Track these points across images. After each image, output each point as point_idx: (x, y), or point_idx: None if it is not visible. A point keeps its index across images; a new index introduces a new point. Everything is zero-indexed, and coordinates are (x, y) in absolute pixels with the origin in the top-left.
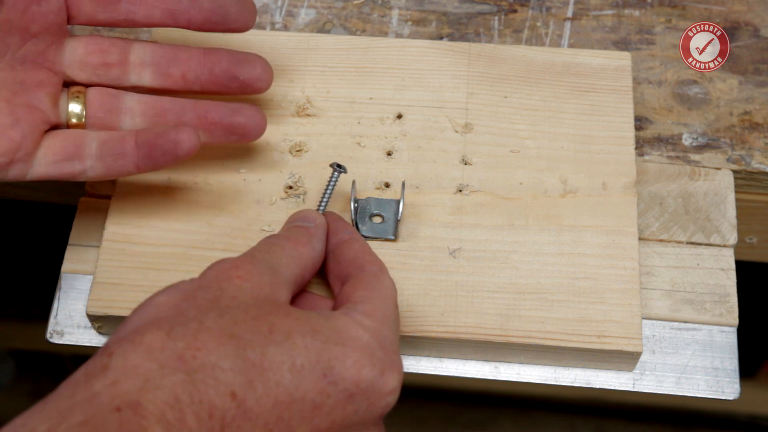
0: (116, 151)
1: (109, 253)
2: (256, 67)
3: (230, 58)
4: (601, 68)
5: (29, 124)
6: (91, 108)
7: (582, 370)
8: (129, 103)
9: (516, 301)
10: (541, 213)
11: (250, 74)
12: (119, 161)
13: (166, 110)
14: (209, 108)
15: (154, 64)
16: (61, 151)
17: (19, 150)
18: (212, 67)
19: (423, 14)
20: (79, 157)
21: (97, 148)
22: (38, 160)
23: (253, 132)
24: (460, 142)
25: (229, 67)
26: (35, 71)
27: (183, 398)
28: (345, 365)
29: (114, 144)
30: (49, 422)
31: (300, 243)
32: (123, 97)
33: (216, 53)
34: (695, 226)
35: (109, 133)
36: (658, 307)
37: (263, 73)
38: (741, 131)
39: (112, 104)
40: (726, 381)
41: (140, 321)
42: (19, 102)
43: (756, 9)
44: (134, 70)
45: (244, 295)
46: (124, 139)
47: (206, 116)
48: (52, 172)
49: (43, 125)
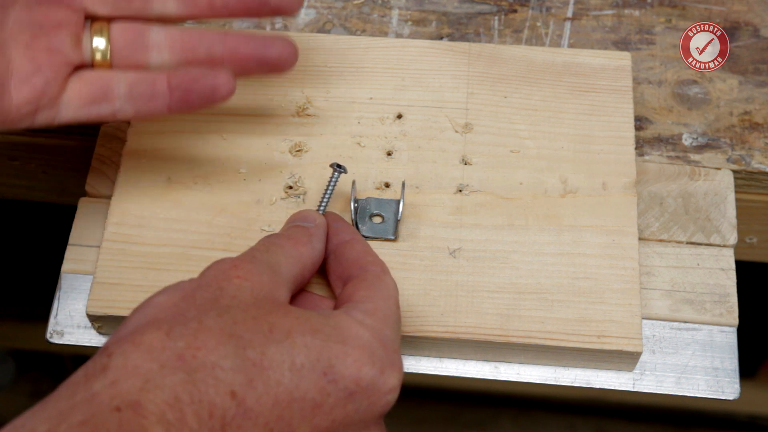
0: (148, 92)
1: (109, 253)
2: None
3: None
4: (601, 68)
5: (51, 68)
6: (116, 45)
7: (582, 370)
8: (155, 37)
9: (516, 301)
10: (541, 213)
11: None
12: (151, 103)
13: (194, 45)
14: (239, 42)
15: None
16: (88, 94)
17: (44, 96)
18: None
19: (423, 14)
20: (108, 99)
21: (126, 89)
22: (65, 104)
23: (285, 64)
24: (460, 142)
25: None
26: (54, 10)
27: (183, 398)
28: (345, 364)
29: (145, 85)
30: (49, 422)
31: (300, 243)
32: (148, 31)
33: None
34: (695, 226)
35: (139, 74)
36: (658, 307)
37: (295, 3)
38: (741, 131)
39: (138, 39)
40: (726, 381)
41: (140, 321)
42: (40, 46)
43: (756, 9)
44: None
45: (244, 294)
46: (155, 80)
47: (237, 50)
48: (80, 115)
49: (67, 68)
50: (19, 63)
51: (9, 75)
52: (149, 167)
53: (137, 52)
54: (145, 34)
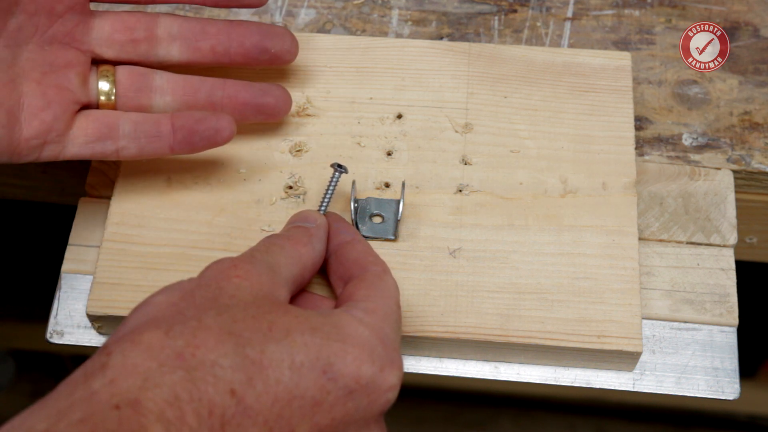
0: (151, 132)
1: (109, 253)
2: (285, 39)
3: (260, 30)
4: (601, 68)
5: (60, 105)
6: (121, 87)
7: (582, 370)
8: (158, 81)
9: (516, 301)
10: (541, 213)
11: (280, 47)
12: (154, 143)
13: (196, 90)
14: (238, 89)
15: (182, 37)
16: (94, 132)
17: (51, 131)
18: (242, 41)
19: (423, 14)
20: (112, 138)
21: (130, 128)
22: (71, 140)
23: (281, 112)
24: (460, 142)
25: (261, 41)
26: (64, 51)
27: (183, 396)
28: (345, 362)
29: (149, 125)
30: (48, 420)
31: (300, 243)
32: (152, 75)
33: (243, 26)
34: (695, 226)
35: (143, 115)
36: (658, 307)
37: (292, 46)
38: (741, 131)
39: (142, 83)
40: (726, 381)
41: (139, 320)
42: (50, 83)
43: (756, 9)
44: (162, 44)
45: (243, 293)
46: (159, 121)
47: (236, 97)
48: (84, 152)
49: (74, 105)
50: (30, 98)
51: (20, 108)
52: (149, 167)
53: (141, 95)
54: (149, 78)
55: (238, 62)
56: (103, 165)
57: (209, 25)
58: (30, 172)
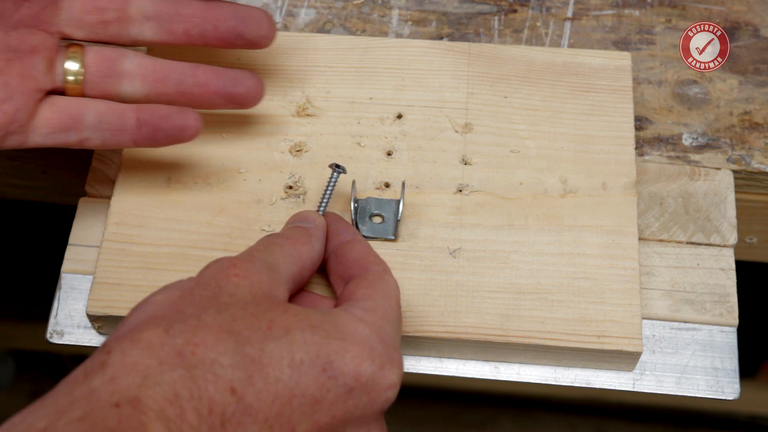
0: (116, 125)
1: (109, 253)
2: (262, 24)
3: (236, 15)
4: (601, 68)
5: (23, 95)
6: (89, 70)
7: (582, 370)
8: (128, 65)
9: (516, 301)
10: (541, 213)
11: (256, 32)
12: (118, 136)
13: (166, 76)
14: (209, 76)
15: (155, 18)
16: (58, 122)
17: (14, 123)
18: (217, 24)
19: (423, 14)
20: (76, 129)
21: (95, 119)
22: (34, 130)
23: (252, 102)
24: (460, 142)
25: (236, 26)
26: (30, 35)
27: (183, 394)
28: (344, 360)
29: (114, 118)
30: (47, 418)
31: (299, 242)
32: (122, 58)
33: (219, 9)
34: (695, 226)
35: (109, 105)
36: (658, 307)
37: (269, 31)
38: (741, 131)
39: (111, 66)
40: (726, 381)
41: (138, 319)
42: (13, 72)
43: (756, 9)
44: (134, 25)
45: (242, 292)
46: (125, 113)
47: (207, 85)
48: (47, 141)
49: (38, 94)
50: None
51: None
52: (149, 167)
53: (109, 79)
54: (118, 61)
55: (213, 45)
56: (103, 165)
57: (184, 6)
58: (30, 172)
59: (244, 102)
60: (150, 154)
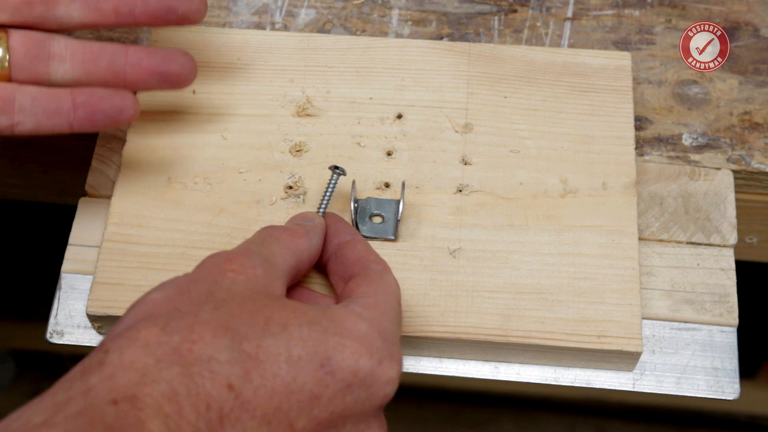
0: (50, 108)
1: (109, 253)
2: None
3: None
4: (601, 68)
5: None
6: (15, 55)
7: (582, 370)
8: (57, 47)
9: (516, 301)
10: (541, 213)
11: (188, 6)
12: (53, 119)
13: (96, 57)
14: (141, 56)
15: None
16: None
17: None
18: (147, 0)
19: (423, 14)
20: (7, 112)
21: (28, 103)
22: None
23: (186, 80)
24: (460, 142)
25: (167, 0)
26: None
27: (180, 391)
28: (343, 355)
29: (48, 100)
30: (45, 413)
31: (296, 234)
32: (50, 41)
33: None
34: (695, 226)
35: (42, 89)
36: (658, 307)
37: (201, 4)
38: (741, 131)
39: (39, 49)
40: (726, 381)
41: (135, 318)
42: None
43: (756, 9)
44: (60, 5)
45: (239, 287)
46: (59, 96)
47: (139, 64)
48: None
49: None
50: None
51: None
52: (149, 167)
53: (37, 63)
54: (46, 44)
55: (144, 23)
56: (103, 165)
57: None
58: (30, 172)
59: (177, 80)
60: (150, 154)
